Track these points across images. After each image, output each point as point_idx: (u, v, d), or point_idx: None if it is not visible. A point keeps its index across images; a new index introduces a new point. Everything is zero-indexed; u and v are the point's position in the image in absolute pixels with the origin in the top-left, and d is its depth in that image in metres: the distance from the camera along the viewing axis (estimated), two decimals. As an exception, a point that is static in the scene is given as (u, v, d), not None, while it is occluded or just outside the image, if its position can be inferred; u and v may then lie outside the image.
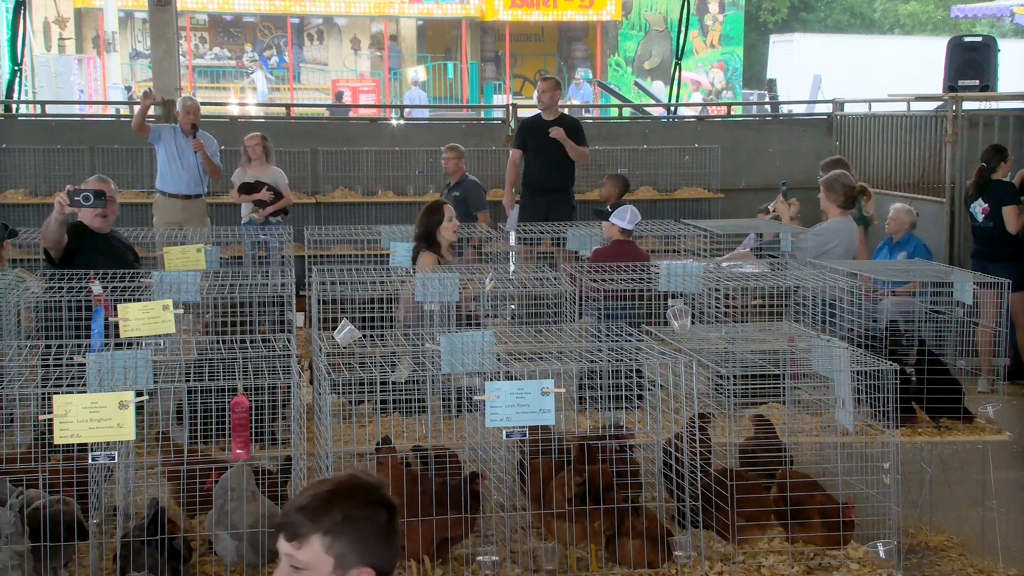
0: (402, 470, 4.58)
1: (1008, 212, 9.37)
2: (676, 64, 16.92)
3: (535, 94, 11.00)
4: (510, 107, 14.15)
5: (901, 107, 13.10)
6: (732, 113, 22.76)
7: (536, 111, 11.10)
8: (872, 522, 4.75)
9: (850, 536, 4.65)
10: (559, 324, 6.21)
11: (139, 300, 5.45)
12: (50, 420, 3.97)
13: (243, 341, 5.12)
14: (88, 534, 4.34)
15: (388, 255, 7.68)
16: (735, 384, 5.36)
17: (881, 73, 26.56)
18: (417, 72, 29.50)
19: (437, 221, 7.18)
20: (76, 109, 20.63)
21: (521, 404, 4.19)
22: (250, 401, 4.99)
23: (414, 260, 7.20)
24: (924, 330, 6.65)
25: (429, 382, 5.63)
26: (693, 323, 6.36)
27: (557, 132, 10.49)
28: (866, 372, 4.93)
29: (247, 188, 10.52)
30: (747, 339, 5.84)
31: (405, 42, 33.06)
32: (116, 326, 5.20)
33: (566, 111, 12.22)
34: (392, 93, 29.76)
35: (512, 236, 9.03)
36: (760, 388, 5.59)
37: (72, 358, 4.63)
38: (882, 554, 4.61)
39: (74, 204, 6.43)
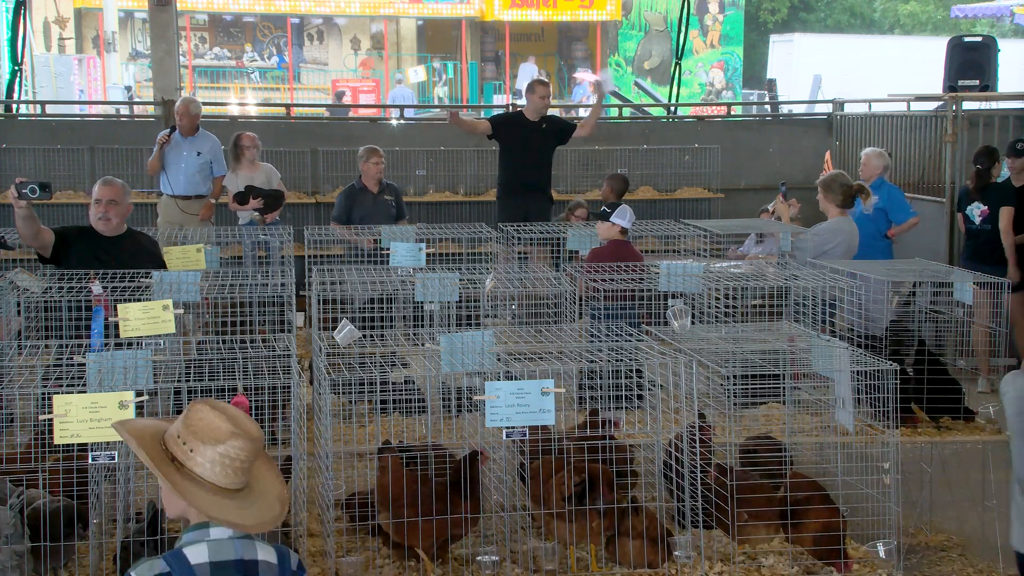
0: (403, 472, 4.58)
1: (1003, 212, 9.35)
2: (676, 64, 16.92)
3: (527, 98, 10.43)
4: (510, 107, 14.14)
5: (901, 107, 13.09)
6: (732, 113, 22.74)
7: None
8: (872, 522, 4.75)
9: (837, 551, 4.59)
10: (559, 324, 6.21)
11: (139, 300, 5.45)
12: (50, 420, 3.97)
13: (243, 341, 5.12)
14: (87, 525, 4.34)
15: (388, 255, 7.67)
16: (735, 384, 5.36)
17: (881, 73, 26.55)
18: (417, 72, 29.46)
19: None
20: (76, 109, 20.61)
21: (521, 404, 4.19)
22: (250, 401, 4.99)
23: None
24: (924, 330, 6.65)
25: (429, 382, 5.63)
26: (693, 323, 6.36)
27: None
28: (866, 372, 4.93)
29: (242, 198, 10.44)
30: (747, 339, 5.83)
31: (405, 42, 33.06)
32: (116, 326, 5.20)
33: (573, 112, 12.11)
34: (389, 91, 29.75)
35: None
36: (760, 388, 5.59)
37: (72, 358, 4.63)
38: (882, 554, 4.61)
39: (22, 197, 6.24)
